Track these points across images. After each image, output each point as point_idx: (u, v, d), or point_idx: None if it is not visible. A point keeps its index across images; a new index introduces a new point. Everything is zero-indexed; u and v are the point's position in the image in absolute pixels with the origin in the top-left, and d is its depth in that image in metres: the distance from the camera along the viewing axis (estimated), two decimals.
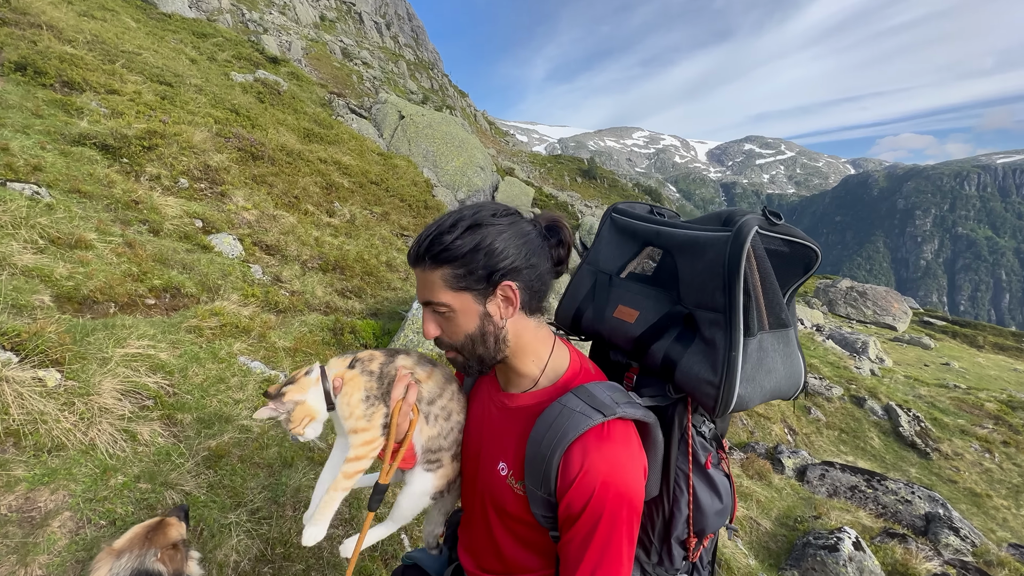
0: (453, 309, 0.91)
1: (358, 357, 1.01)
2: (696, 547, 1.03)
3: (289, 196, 7.09)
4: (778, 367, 0.95)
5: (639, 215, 1.17)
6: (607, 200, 52.60)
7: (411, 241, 8.64)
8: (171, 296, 3.78)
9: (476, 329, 0.92)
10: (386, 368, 1.01)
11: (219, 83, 9.98)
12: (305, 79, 15.83)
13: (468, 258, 0.88)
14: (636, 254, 1.15)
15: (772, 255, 0.93)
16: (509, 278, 0.90)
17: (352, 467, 0.96)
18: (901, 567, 4.05)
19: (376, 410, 0.98)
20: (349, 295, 5.69)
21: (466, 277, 0.89)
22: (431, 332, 0.95)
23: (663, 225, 1.08)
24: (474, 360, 0.96)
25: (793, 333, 0.99)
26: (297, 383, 0.97)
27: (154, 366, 2.70)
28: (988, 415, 11.17)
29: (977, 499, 8.09)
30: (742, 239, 0.87)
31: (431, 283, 0.91)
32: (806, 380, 1.02)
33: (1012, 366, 19.95)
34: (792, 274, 0.98)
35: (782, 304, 0.95)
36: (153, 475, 2.12)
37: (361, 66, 28.77)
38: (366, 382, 0.98)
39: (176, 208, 5.01)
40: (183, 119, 6.88)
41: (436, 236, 0.90)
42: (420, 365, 1.06)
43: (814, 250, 0.95)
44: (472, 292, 0.90)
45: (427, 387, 1.04)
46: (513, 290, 0.91)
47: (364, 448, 0.96)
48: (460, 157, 13.56)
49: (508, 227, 0.92)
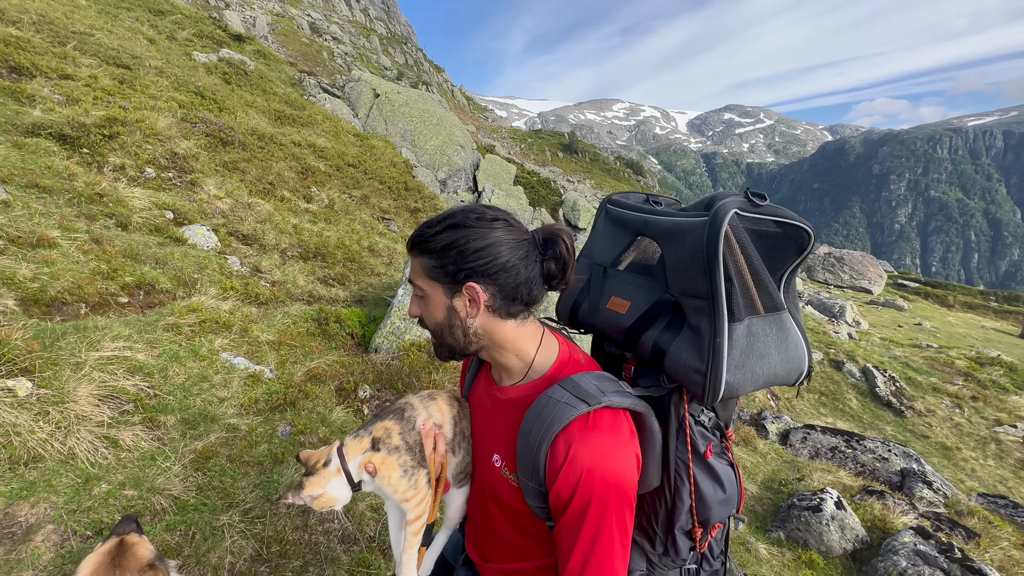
0: (427, 295, 0.97)
1: (375, 436, 1.02)
2: (703, 537, 1.03)
3: (264, 182, 6.86)
4: (771, 352, 0.93)
5: (632, 205, 1.16)
6: (589, 175, 52.26)
7: (392, 225, 8.50)
8: (145, 293, 3.65)
9: (443, 319, 0.97)
10: (408, 437, 1.03)
11: (181, 64, 9.48)
12: (273, 57, 15.16)
13: (441, 253, 0.93)
14: (629, 245, 1.15)
15: (761, 237, 0.92)
16: (475, 280, 0.92)
17: (415, 527, 1.03)
18: (880, 522, 4.24)
19: (418, 476, 1.02)
20: (332, 283, 5.58)
21: (436, 270, 0.94)
22: (413, 311, 1.02)
23: (652, 214, 1.07)
24: (444, 347, 1.01)
25: (787, 317, 0.97)
26: (317, 474, 0.98)
27: (132, 368, 2.61)
28: (958, 372, 11.66)
29: (948, 452, 8.50)
30: (718, 223, 0.86)
31: (416, 266, 0.98)
32: (810, 366, 1.00)
33: (980, 323, 20.80)
34: (785, 256, 0.97)
35: (772, 287, 0.93)
36: (139, 481, 2.07)
37: (331, 42, 27.64)
38: (398, 459, 1.00)
39: (144, 200, 4.80)
40: (145, 104, 6.54)
41: (424, 227, 0.96)
42: (428, 407, 1.08)
43: (806, 230, 0.93)
44: (441, 285, 0.95)
45: (447, 426, 1.08)
46: (477, 292, 0.93)
47: (419, 508, 1.02)
48: (439, 136, 13.25)
49: (488, 232, 0.92)
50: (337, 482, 0.97)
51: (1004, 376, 11.89)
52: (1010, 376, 11.98)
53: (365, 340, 4.41)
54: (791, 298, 0.99)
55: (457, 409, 1.11)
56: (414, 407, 1.06)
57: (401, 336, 4.16)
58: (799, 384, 1.00)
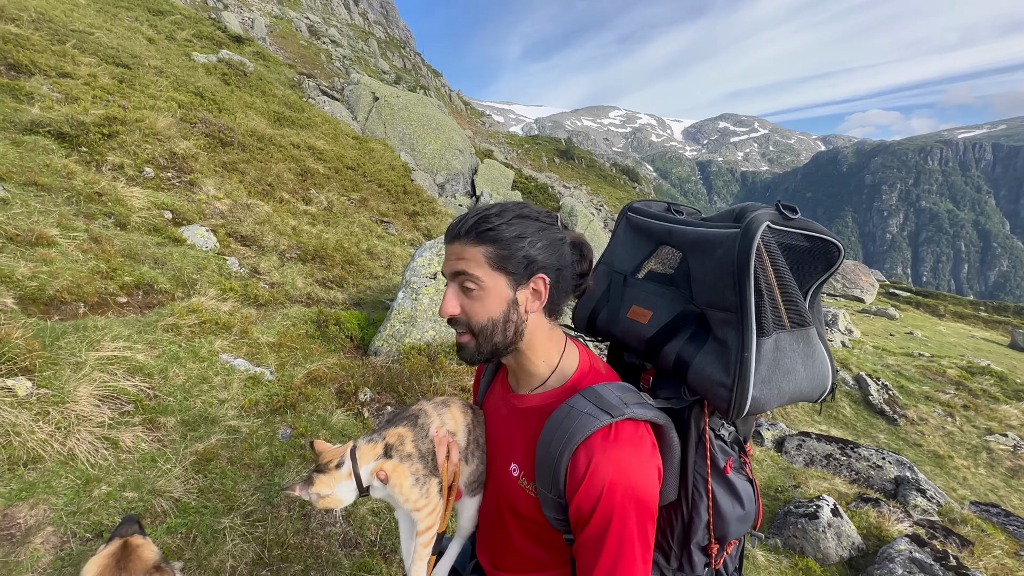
0: (485, 288, 0.91)
1: (388, 443, 1.00)
2: (719, 554, 1.02)
3: (263, 184, 6.84)
4: (798, 368, 0.91)
5: (654, 213, 1.16)
6: (585, 180, 52.50)
7: (391, 228, 8.49)
8: (144, 293, 3.62)
9: (500, 314, 0.93)
10: (421, 445, 1.01)
11: (180, 64, 9.46)
12: (272, 59, 15.16)
13: (512, 243, 0.90)
14: (651, 253, 1.13)
15: (790, 250, 0.90)
16: (543, 272, 0.93)
17: (426, 538, 1.01)
18: (875, 530, 4.26)
19: (429, 485, 1.00)
20: (330, 285, 5.56)
21: (507, 260, 0.91)
22: (451, 309, 0.94)
23: (677, 223, 1.06)
24: (487, 347, 0.95)
25: (815, 332, 0.95)
26: (328, 474, 0.95)
27: (132, 368, 2.59)
28: (950, 381, 11.76)
29: (940, 460, 8.56)
30: (751, 235, 0.85)
31: (470, 256, 0.91)
32: (835, 382, 0.98)
33: (970, 333, 21.02)
34: (813, 271, 0.95)
35: (801, 302, 0.92)
36: (139, 483, 2.05)
37: (330, 44, 27.68)
38: (410, 467, 0.99)
39: (143, 199, 4.78)
40: (144, 104, 6.51)
41: (484, 217, 0.92)
42: (442, 414, 1.06)
43: (836, 245, 0.92)
44: (508, 276, 0.92)
45: (460, 434, 1.06)
46: (545, 284, 0.93)
47: (430, 518, 1.00)
48: (438, 140, 13.28)
49: (548, 228, 0.94)
50: (346, 485, 0.95)
51: (995, 385, 12.01)
52: (1000, 385, 12.11)
53: (364, 343, 4.39)
54: (816, 313, 0.97)
55: (471, 417, 1.09)
56: (428, 414, 1.04)
57: (401, 339, 4.15)
58: (822, 401, 0.99)
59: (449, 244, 0.95)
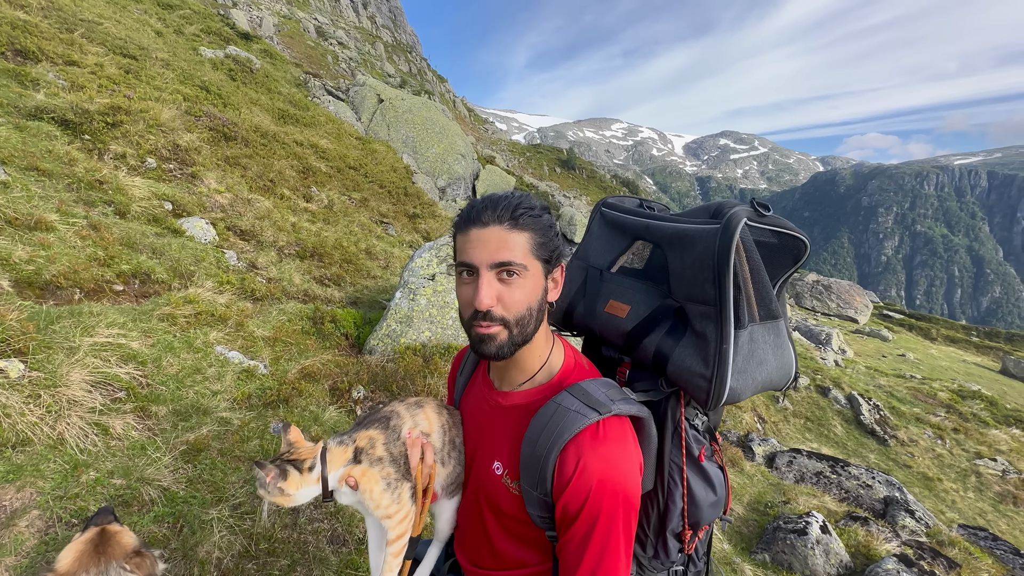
0: (528, 276, 0.90)
1: (359, 447, 0.95)
2: (691, 539, 1.04)
3: (264, 179, 6.85)
4: (769, 358, 0.95)
5: (628, 209, 1.17)
6: (585, 191, 52.75)
7: (391, 229, 8.49)
8: (140, 282, 3.61)
9: (537, 303, 0.92)
10: (392, 448, 0.98)
11: (187, 58, 9.49)
12: (279, 57, 15.24)
13: (548, 232, 0.93)
14: (626, 248, 1.14)
15: (760, 246, 0.92)
16: (562, 262, 0.98)
17: (396, 547, 0.97)
18: (864, 548, 4.26)
19: (401, 490, 0.96)
20: (328, 283, 5.55)
21: (545, 247, 0.92)
22: (490, 300, 0.88)
23: (652, 219, 1.08)
24: (520, 338, 0.92)
25: (783, 324, 0.99)
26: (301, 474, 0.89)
27: (125, 356, 2.57)
28: (940, 404, 11.81)
29: (929, 483, 8.57)
30: (731, 231, 0.87)
31: (514, 243, 0.88)
32: (797, 371, 1.02)
33: (961, 357, 21.14)
34: (781, 265, 0.99)
35: (772, 295, 0.95)
36: (128, 470, 2.03)
37: (337, 46, 27.85)
38: (380, 471, 0.95)
39: (144, 189, 4.77)
40: (149, 95, 6.53)
41: (520, 203, 0.91)
42: (415, 415, 1.03)
43: (803, 241, 0.95)
44: (544, 264, 0.93)
45: (435, 435, 1.03)
46: (563, 273, 0.98)
47: (401, 526, 0.97)
48: (441, 144, 13.34)
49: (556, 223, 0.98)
50: (310, 490, 0.90)
51: (985, 410, 12.07)
52: (990, 410, 12.17)
53: (359, 341, 4.38)
54: (782, 306, 1.01)
55: (446, 417, 1.06)
56: (400, 415, 1.01)
57: (396, 339, 4.14)
58: (785, 389, 1.04)
59: (482, 228, 0.89)
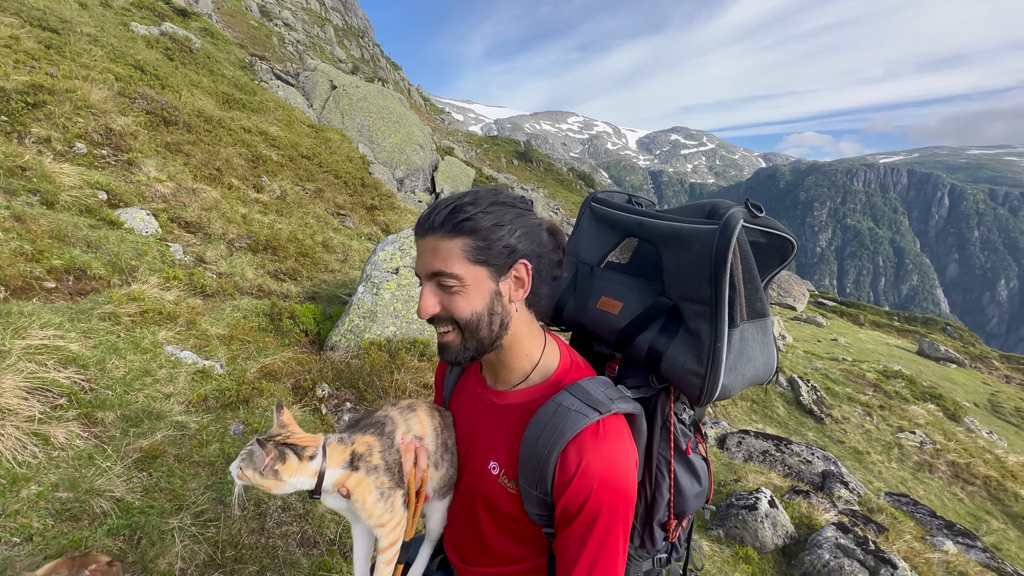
0: (465, 283, 0.87)
1: (357, 451, 0.93)
2: (676, 528, 1.06)
3: (210, 168, 6.45)
4: (756, 355, 0.98)
5: (619, 205, 1.15)
6: (543, 184, 53.08)
7: (348, 221, 8.23)
8: (75, 279, 3.32)
9: (484, 307, 0.89)
10: (388, 456, 0.95)
11: (117, 34, 8.73)
12: (221, 37, 14.29)
13: (490, 231, 0.87)
14: (617, 244, 1.13)
15: (751, 245, 0.94)
16: (525, 259, 0.90)
17: (388, 555, 0.94)
18: (806, 519, 4.61)
19: (394, 498, 0.94)
20: (283, 277, 5.33)
21: (486, 251, 0.87)
22: (430, 309, 0.89)
23: (645, 216, 1.07)
24: (473, 343, 0.91)
25: (769, 322, 1.02)
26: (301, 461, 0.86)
27: (65, 359, 2.37)
28: (869, 384, 12.89)
29: (859, 456, 9.37)
30: (729, 232, 0.87)
31: (445, 253, 0.87)
32: (778, 365, 1.07)
33: (885, 340, 23.11)
34: (768, 264, 1.01)
35: (762, 294, 0.98)
36: (75, 482, 1.89)
37: (283, 28, 26.42)
38: (375, 480, 0.92)
39: (74, 177, 4.38)
40: (76, 73, 5.96)
41: (458, 207, 0.87)
42: (408, 419, 1.01)
43: (791, 241, 0.98)
44: (488, 267, 0.88)
45: (428, 439, 1.02)
46: (527, 269, 0.91)
47: (394, 534, 0.94)
48: (398, 134, 13.01)
49: (525, 214, 0.92)
50: (302, 481, 0.86)
51: (905, 388, 13.29)
52: (910, 388, 13.41)
53: (320, 338, 4.25)
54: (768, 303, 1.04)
55: (439, 420, 1.05)
56: (394, 421, 0.99)
57: (360, 334, 4.04)
58: (767, 383, 1.05)
59: (421, 239, 0.89)
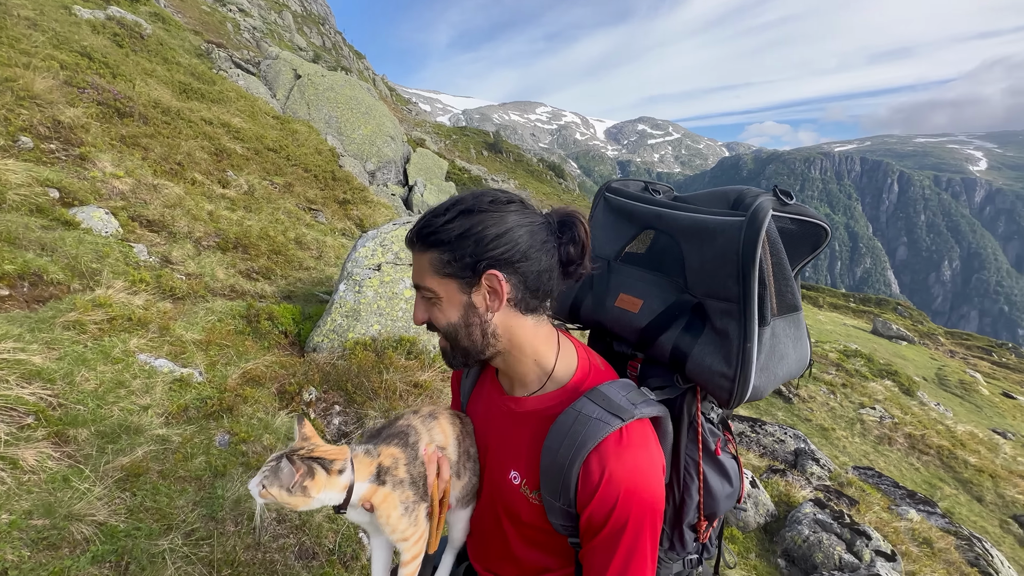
0: (438, 296, 0.87)
1: (383, 464, 0.90)
2: (706, 529, 1.04)
3: (171, 162, 6.09)
4: (789, 352, 0.93)
5: (634, 195, 1.09)
6: (513, 175, 52.82)
7: (320, 216, 7.97)
8: (31, 285, 3.08)
9: (459, 319, 0.87)
10: (412, 469, 0.92)
11: (59, 18, 8.10)
12: (173, 23, 13.48)
13: (456, 243, 0.83)
14: (634, 237, 1.07)
15: (781, 233, 0.89)
16: (497, 268, 0.83)
17: (411, 568, 0.92)
18: (785, 497, 4.81)
19: (418, 511, 0.92)
20: (256, 277, 5.11)
21: (451, 264, 0.84)
22: (420, 317, 0.91)
23: (664, 206, 1.01)
24: (459, 352, 0.91)
25: (801, 315, 0.98)
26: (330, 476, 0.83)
27: (28, 374, 2.19)
28: (831, 363, 13.51)
29: (826, 432, 9.82)
30: (757, 225, 0.82)
31: (420, 267, 0.88)
32: (811, 358, 1.01)
33: (842, 321, 24.28)
34: (799, 253, 0.96)
35: (794, 287, 0.92)
36: (50, 507, 1.75)
37: (237, 13, 25.12)
38: (400, 495, 0.90)
39: (21, 174, 4.05)
40: (15, 60, 5.50)
41: (429, 218, 0.86)
42: (431, 429, 0.98)
43: (825, 228, 0.93)
44: (457, 280, 0.85)
45: (451, 448, 0.99)
46: (500, 281, 0.84)
47: (417, 547, 0.92)
48: (368, 125, 12.65)
49: (505, 216, 0.84)
50: (331, 496, 0.83)
51: (864, 366, 14.00)
52: (868, 366, 14.14)
53: (301, 339, 4.10)
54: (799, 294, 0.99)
55: (460, 428, 1.02)
56: (417, 431, 0.96)
57: (343, 334, 3.92)
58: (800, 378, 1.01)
59: (409, 248, 0.91)
